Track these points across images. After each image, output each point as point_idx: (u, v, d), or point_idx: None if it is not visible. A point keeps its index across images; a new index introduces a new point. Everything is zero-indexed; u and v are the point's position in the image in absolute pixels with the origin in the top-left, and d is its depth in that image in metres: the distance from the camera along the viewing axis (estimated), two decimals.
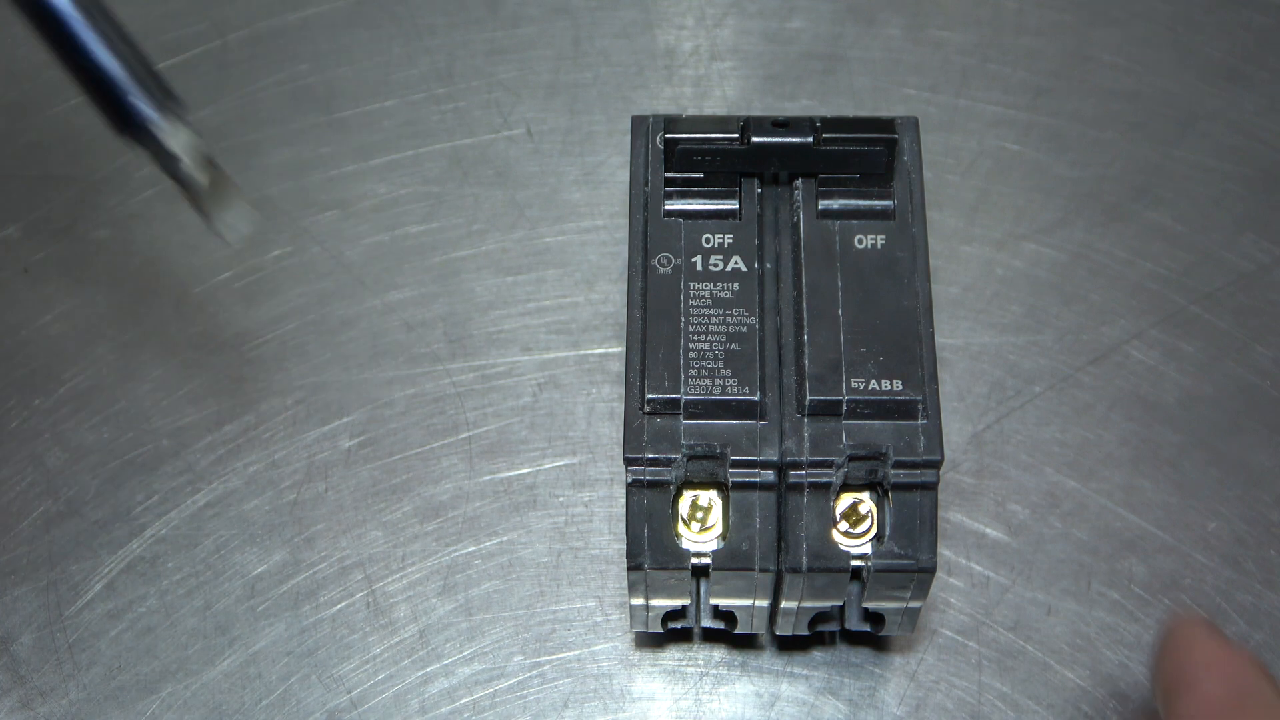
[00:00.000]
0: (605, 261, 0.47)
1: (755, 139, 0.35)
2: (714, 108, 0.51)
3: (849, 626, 0.36)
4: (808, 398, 0.33)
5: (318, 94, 0.53)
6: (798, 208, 0.35)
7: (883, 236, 0.35)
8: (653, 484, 0.33)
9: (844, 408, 0.33)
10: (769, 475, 0.33)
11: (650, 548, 0.33)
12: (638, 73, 0.52)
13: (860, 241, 0.35)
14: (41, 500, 0.44)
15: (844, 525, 0.33)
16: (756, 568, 0.33)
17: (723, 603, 0.35)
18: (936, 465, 0.32)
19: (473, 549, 0.42)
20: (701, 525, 0.34)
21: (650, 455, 0.33)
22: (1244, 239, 0.46)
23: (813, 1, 0.54)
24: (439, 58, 0.53)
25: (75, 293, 0.49)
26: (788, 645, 0.39)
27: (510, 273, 0.47)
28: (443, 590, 0.41)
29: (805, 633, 0.37)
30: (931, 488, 0.33)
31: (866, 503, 0.33)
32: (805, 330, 0.34)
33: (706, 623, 0.37)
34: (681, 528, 0.34)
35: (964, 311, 0.45)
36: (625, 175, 0.49)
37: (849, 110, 0.50)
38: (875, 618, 0.36)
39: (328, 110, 0.52)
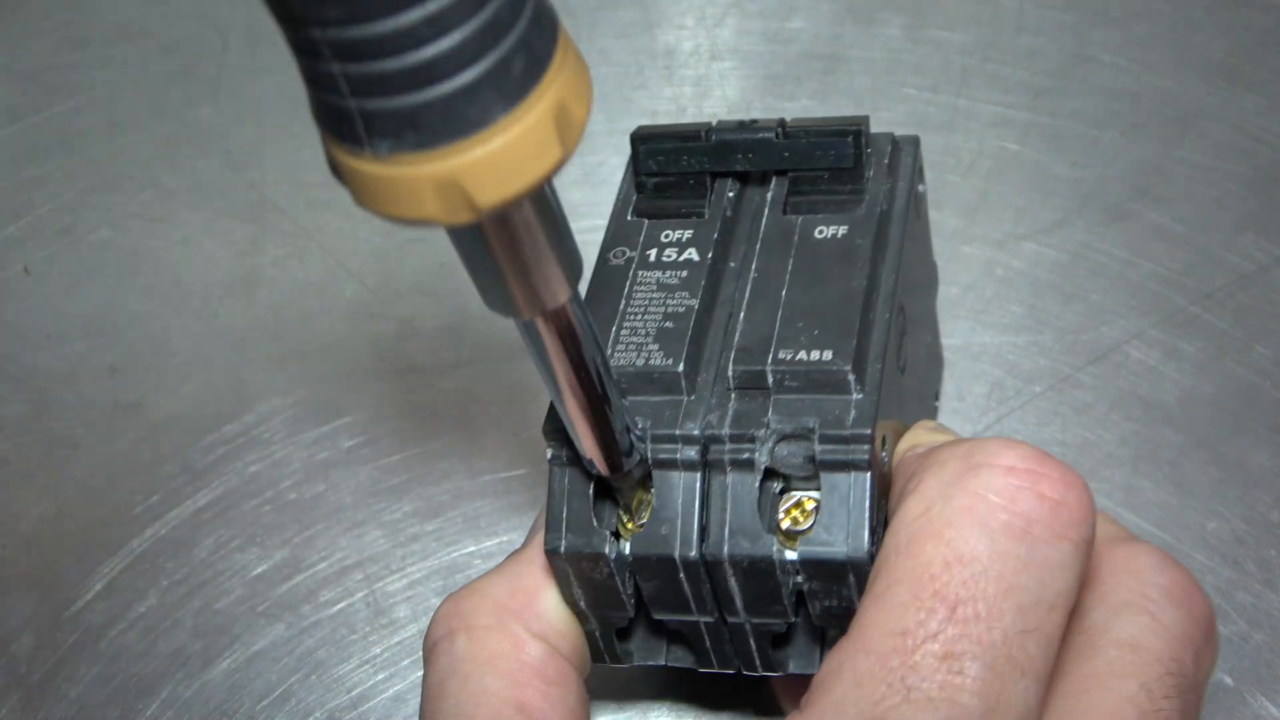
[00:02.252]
0: None
1: (719, 136, 0.34)
2: (714, 108, 0.51)
3: (795, 666, 0.32)
4: (731, 368, 0.31)
5: None
6: (766, 202, 0.34)
7: (845, 227, 0.33)
8: (575, 460, 0.31)
9: (770, 379, 0.30)
10: (691, 452, 0.30)
11: (568, 530, 0.31)
12: (638, 73, 0.52)
13: (820, 232, 0.33)
14: (41, 500, 0.44)
15: (786, 523, 0.30)
16: (676, 553, 0.30)
17: (666, 617, 0.32)
18: (867, 440, 0.29)
19: (473, 549, 0.42)
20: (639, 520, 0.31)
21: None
22: (1244, 239, 0.46)
23: (813, 1, 0.54)
24: None
25: (74, 290, 0.49)
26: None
27: None
28: (443, 590, 0.41)
29: (776, 670, 0.32)
30: (863, 466, 0.29)
31: (814, 499, 0.30)
32: (743, 310, 0.32)
33: (661, 659, 0.34)
34: (622, 524, 0.31)
35: (964, 312, 0.45)
36: None
37: (849, 109, 0.50)
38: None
39: None
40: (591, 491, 0.31)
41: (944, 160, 0.49)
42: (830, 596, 0.30)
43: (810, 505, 0.30)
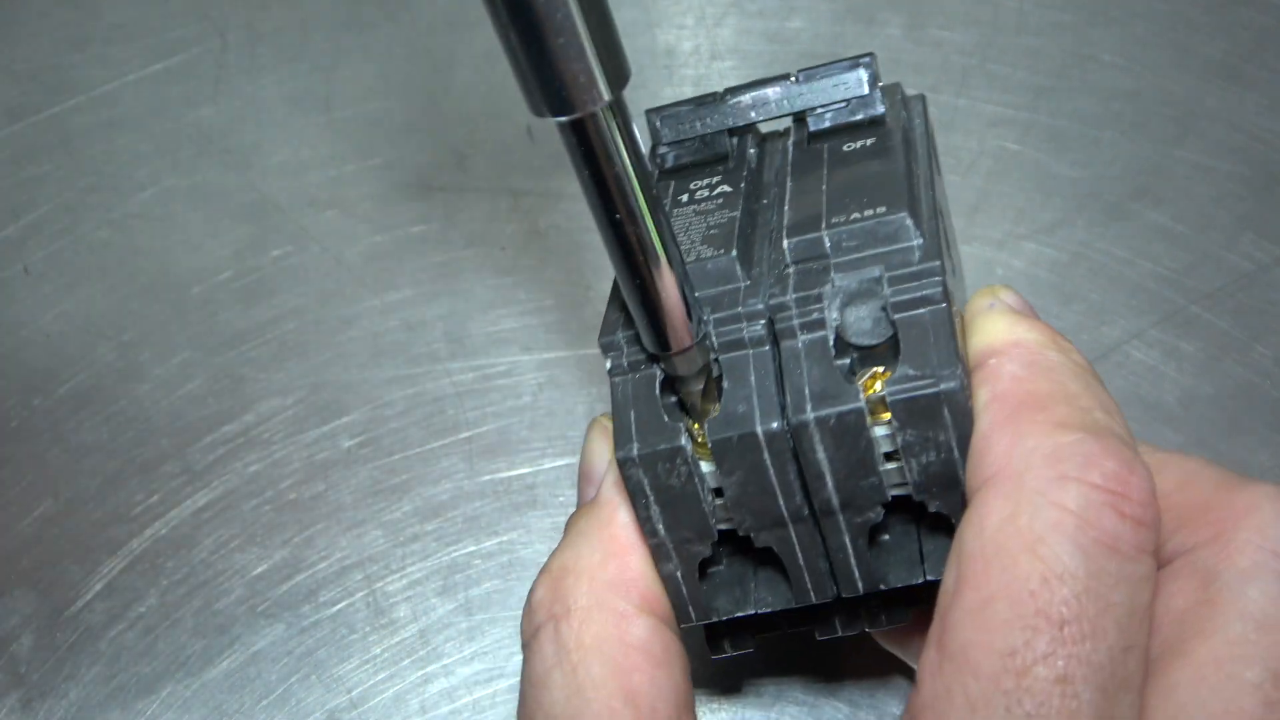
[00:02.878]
0: (606, 262, 0.47)
1: (735, 94, 0.34)
2: None
3: (914, 498, 0.29)
4: (786, 241, 0.29)
5: (317, 92, 0.53)
6: (788, 148, 0.34)
7: (872, 139, 0.32)
8: (636, 365, 0.29)
9: (827, 244, 0.29)
10: (758, 328, 0.29)
11: (638, 433, 0.28)
12: (638, 72, 0.52)
13: (848, 146, 0.32)
14: (41, 500, 0.44)
15: (865, 396, 0.28)
16: (758, 427, 0.28)
17: (752, 529, 0.29)
18: (937, 272, 0.28)
19: (473, 549, 0.42)
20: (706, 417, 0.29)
21: (625, 333, 0.29)
22: (1244, 239, 0.46)
23: (813, 1, 0.54)
24: (439, 58, 0.53)
25: (75, 293, 0.49)
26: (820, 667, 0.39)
27: (510, 273, 0.47)
28: (443, 590, 0.41)
29: (875, 584, 0.30)
30: (938, 299, 0.28)
31: (889, 372, 0.28)
32: (786, 204, 0.31)
33: (751, 607, 0.31)
34: (692, 436, 0.29)
35: None
36: None
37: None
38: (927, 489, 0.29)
39: (327, 108, 0.52)
40: (658, 393, 0.29)
41: (944, 160, 0.49)
42: (927, 448, 0.28)
43: (887, 374, 0.28)
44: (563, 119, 0.24)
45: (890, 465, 0.28)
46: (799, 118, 0.34)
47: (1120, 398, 0.43)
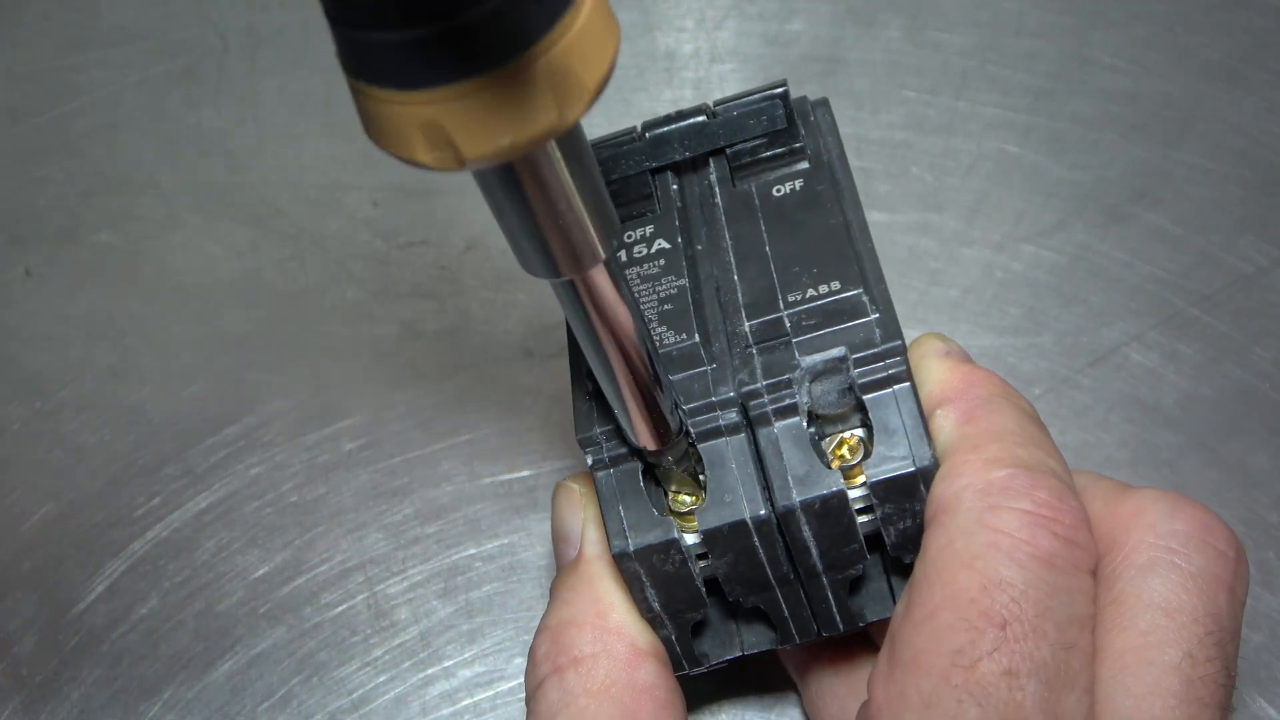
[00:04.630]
0: None
1: (653, 132, 0.34)
2: None
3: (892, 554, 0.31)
4: (746, 323, 0.31)
5: (318, 95, 0.53)
6: (712, 184, 0.35)
7: (800, 180, 0.34)
8: (617, 459, 0.31)
9: (787, 324, 0.31)
10: (731, 415, 0.30)
11: (631, 528, 0.30)
12: (638, 75, 0.52)
13: (778, 190, 0.34)
14: (43, 502, 0.44)
15: (836, 465, 0.30)
16: (747, 515, 0.29)
17: (743, 597, 0.31)
18: (900, 351, 0.30)
19: (473, 551, 0.42)
20: (688, 503, 0.31)
21: (602, 429, 0.31)
22: (1243, 241, 0.46)
23: (813, 4, 0.54)
24: None
25: (76, 295, 0.49)
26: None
27: (511, 275, 0.47)
28: (444, 593, 0.41)
29: (854, 622, 0.32)
30: (903, 379, 0.30)
31: (855, 433, 0.30)
32: (734, 272, 0.32)
33: (737, 651, 0.33)
34: (674, 513, 0.31)
35: (963, 314, 0.45)
36: None
37: (849, 111, 0.50)
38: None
39: (328, 111, 0.52)
40: (643, 485, 0.31)
41: (944, 162, 0.49)
42: (904, 517, 0.30)
43: (854, 440, 0.30)
44: (563, 279, 0.26)
45: (864, 519, 0.30)
46: (718, 152, 0.35)
47: (1119, 400, 0.43)
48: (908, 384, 0.30)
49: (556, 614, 0.31)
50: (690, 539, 0.30)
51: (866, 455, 0.30)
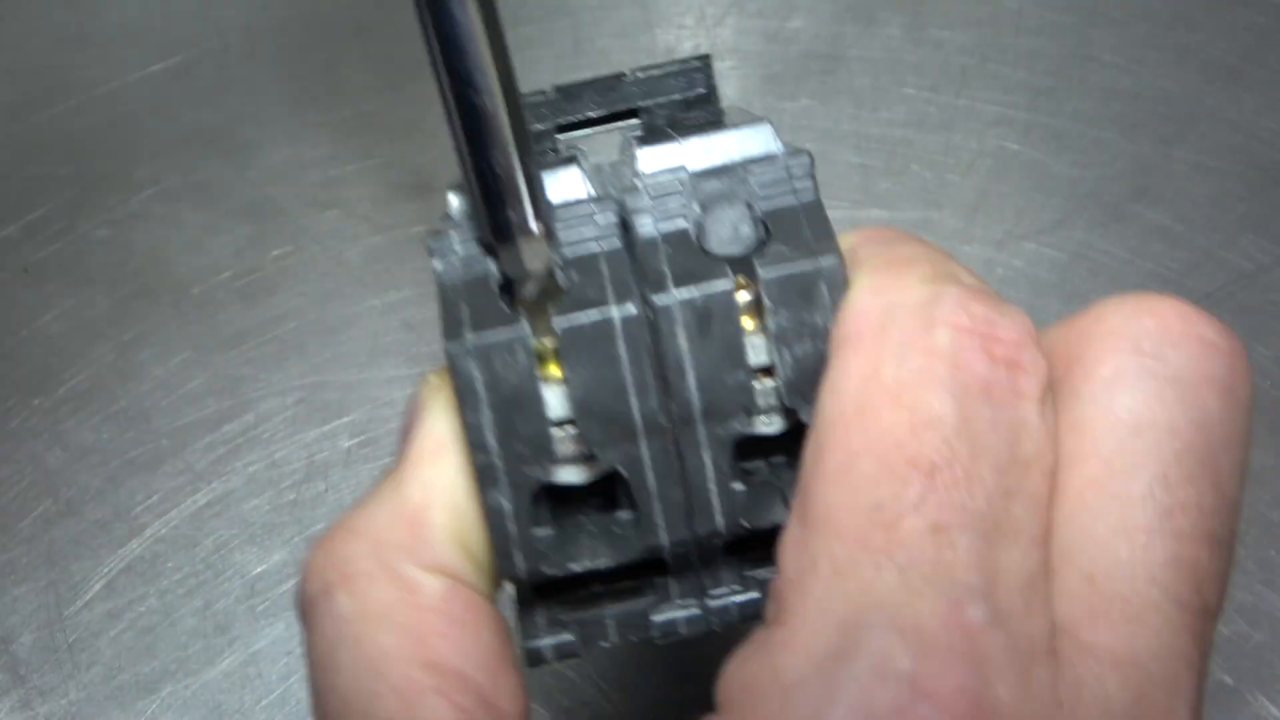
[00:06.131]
0: None
1: (568, 90, 0.30)
2: None
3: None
4: (638, 150, 0.26)
5: (317, 94, 0.53)
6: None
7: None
8: (467, 261, 0.25)
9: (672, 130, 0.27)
10: (610, 222, 0.25)
11: (474, 321, 0.24)
12: None
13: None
14: (41, 500, 0.44)
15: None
16: (615, 312, 0.24)
17: (600, 448, 0.24)
18: (809, 168, 0.25)
19: None
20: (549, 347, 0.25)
21: (458, 228, 0.26)
22: (1244, 239, 0.46)
23: (813, 1, 0.54)
24: None
25: (75, 293, 0.49)
26: None
27: None
28: None
29: (736, 520, 0.25)
30: (810, 195, 0.25)
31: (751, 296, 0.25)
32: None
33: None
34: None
35: None
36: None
37: (849, 109, 0.50)
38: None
39: (328, 110, 0.52)
40: (494, 286, 0.25)
41: (944, 160, 0.49)
42: (802, 336, 0.24)
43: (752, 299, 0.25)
44: None
45: (762, 374, 0.25)
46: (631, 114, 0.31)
47: None
48: (815, 199, 0.25)
49: (343, 522, 0.25)
50: (547, 391, 0.25)
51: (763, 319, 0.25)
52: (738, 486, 0.25)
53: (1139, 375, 0.23)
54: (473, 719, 0.23)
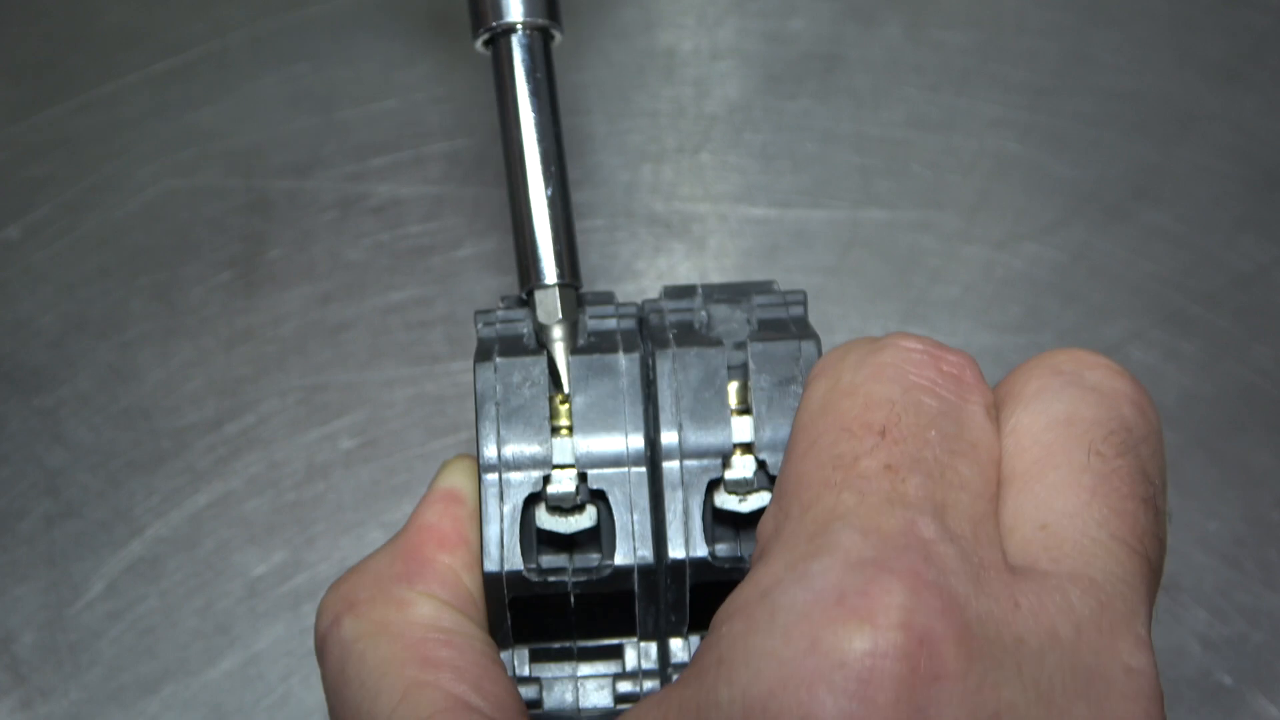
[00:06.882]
0: (605, 262, 0.47)
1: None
2: (714, 108, 0.51)
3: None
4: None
5: (318, 94, 0.53)
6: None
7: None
8: (508, 319, 0.30)
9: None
10: (629, 321, 0.31)
11: (502, 349, 0.29)
12: (638, 73, 0.52)
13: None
14: (42, 500, 0.44)
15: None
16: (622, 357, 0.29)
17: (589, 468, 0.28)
18: (803, 299, 0.30)
19: None
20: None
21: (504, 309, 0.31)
22: (1244, 239, 0.46)
23: (813, 1, 0.54)
24: (439, 57, 0.53)
25: (76, 293, 0.49)
26: None
27: (510, 273, 0.47)
28: None
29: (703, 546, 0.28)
30: (800, 313, 0.30)
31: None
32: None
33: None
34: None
35: (964, 312, 0.45)
36: (626, 175, 0.49)
37: (849, 109, 0.50)
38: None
39: (328, 110, 0.52)
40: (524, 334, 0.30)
41: (944, 160, 0.49)
42: (779, 385, 0.29)
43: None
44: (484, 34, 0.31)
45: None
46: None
47: None
48: (803, 314, 0.30)
49: (351, 568, 0.29)
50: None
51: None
52: (707, 524, 0.28)
53: (1062, 387, 0.27)
54: (466, 702, 0.26)
